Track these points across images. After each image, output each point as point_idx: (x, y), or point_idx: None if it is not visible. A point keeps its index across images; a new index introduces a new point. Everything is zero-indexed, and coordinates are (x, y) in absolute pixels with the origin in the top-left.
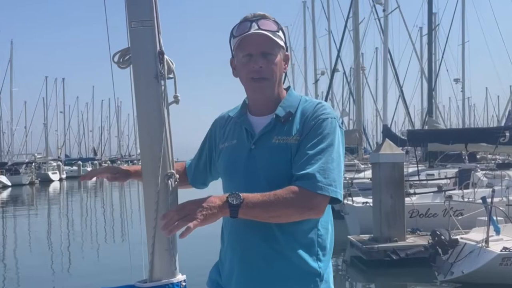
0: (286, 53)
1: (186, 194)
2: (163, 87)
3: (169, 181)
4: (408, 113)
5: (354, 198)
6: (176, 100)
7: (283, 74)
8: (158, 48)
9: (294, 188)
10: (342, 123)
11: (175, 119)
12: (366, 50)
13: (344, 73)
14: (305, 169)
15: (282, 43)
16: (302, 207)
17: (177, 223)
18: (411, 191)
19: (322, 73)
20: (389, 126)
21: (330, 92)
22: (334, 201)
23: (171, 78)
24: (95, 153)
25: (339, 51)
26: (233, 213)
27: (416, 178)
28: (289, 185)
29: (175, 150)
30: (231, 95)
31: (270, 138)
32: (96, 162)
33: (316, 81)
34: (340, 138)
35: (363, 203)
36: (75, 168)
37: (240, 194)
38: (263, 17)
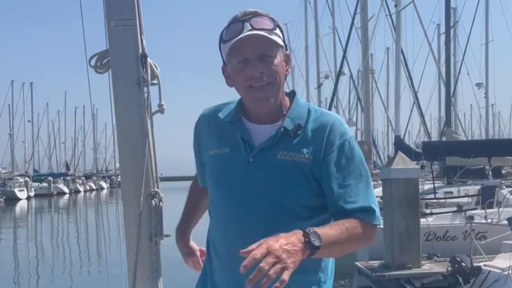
0: (287, 52)
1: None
2: (146, 95)
3: (153, 201)
4: (423, 122)
5: None
6: (161, 109)
7: (285, 77)
8: (140, 50)
9: (358, 221)
10: None
11: (158, 130)
12: (376, 50)
13: (351, 76)
14: (359, 201)
15: (281, 42)
16: (367, 241)
17: (270, 274)
18: (427, 211)
19: (326, 77)
20: (402, 137)
21: (335, 98)
22: None
23: (155, 84)
24: (68, 168)
25: (345, 51)
26: (311, 254)
27: (433, 196)
28: (297, 204)
29: (158, 163)
30: (223, 100)
31: (274, 152)
32: (68, 178)
33: (319, 85)
34: None
35: None
36: (44, 184)
37: (317, 231)
38: (256, 14)
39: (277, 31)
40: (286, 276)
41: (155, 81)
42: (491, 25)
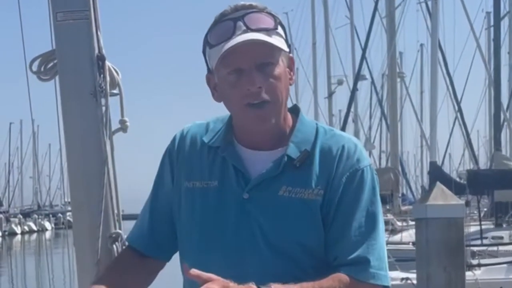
0: (290, 55)
1: None
2: (104, 108)
3: (114, 246)
4: (468, 143)
5: (389, 273)
6: (124, 127)
7: (289, 89)
8: (96, 51)
9: (343, 277)
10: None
11: (120, 154)
12: (406, 47)
13: (373, 82)
14: (353, 251)
15: (284, 44)
16: None
17: None
18: (474, 261)
19: (339, 83)
20: (440, 163)
21: (351, 110)
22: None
23: (115, 94)
24: (0, 203)
25: (364, 48)
26: None
27: (479, 242)
28: (303, 254)
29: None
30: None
31: (275, 187)
32: (1, 216)
33: (330, 94)
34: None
35: (402, 279)
36: None
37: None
38: (251, 8)
39: (279, 30)
40: None
41: (115, 91)
42: None
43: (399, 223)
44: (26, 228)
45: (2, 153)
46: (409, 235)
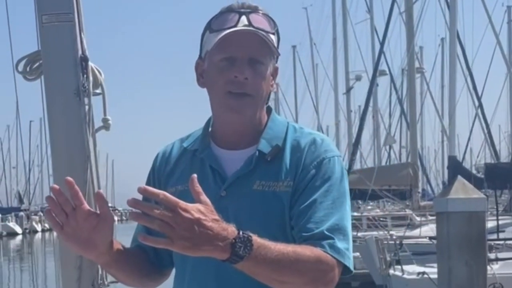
0: (276, 65)
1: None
2: (87, 107)
3: None
4: (489, 137)
5: (405, 267)
6: (106, 125)
7: (269, 95)
8: (80, 52)
9: (317, 251)
10: (389, 155)
11: (114, 154)
12: (426, 42)
13: (391, 77)
14: (325, 226)
15: (275, 51)
16: (319, 280)
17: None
18: (491, 255)
19: (358, 78)
20: (461, 158)
21: (369, 105)
22: (343, 272)
23: (98, 94)
24: (21, 201)
25: (382, 43)
26: (231, 262)
27: (496, 236)
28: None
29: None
30: (199, 118)
31: (250, 183)
32: (22, 213)
33: (348, 90)
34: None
35: (419, 273)
36: None
37: (252, 239)
38: (256, 10)
39: (274, 37)
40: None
41: (98, 90)
42: None
43: (418, 218)
44: (46, 225)
45: (24, 152)
46: (428, 229)
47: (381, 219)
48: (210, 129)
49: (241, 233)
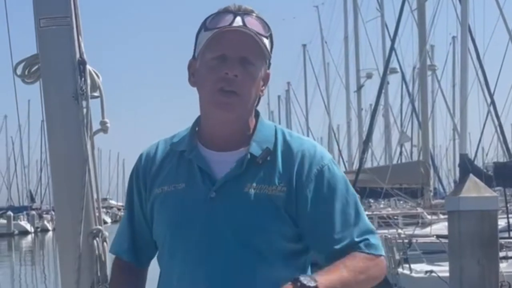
0: (268, 71)
1: None
2: (85, 110)
3: (95, 241)
4: (502, 135)
5: (413, 266)
6: (104, 128)
7: (258, 99)
8: (77, 56)
9: (360, 255)
10: (400, 153)
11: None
12: (437, 40)
13: (403, 75)
14: (354, 233)
15: (267, 55)
16: (378, 276)
17: None
18: (501, 254)
19: (369, 76)
20: (473, 156)
21: (380, 103)
22: None
23: (96, 97)
24: (32, 199)
25: (393, 40)
26: None
27: (507, 234)
28: (270, 248)
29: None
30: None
31: (240, 185)
32: (33, 212)
33: (359, 88)
34: None
35: (427, 272)
36: (3, 221)
37: (317, 279)
38: (251, 13)
39: (268, 41)
40: None
41: (96, 93)
42: None
43: (429, 217)
44: None
45: (34, 150)
46: (438, 228)
47: (394, 217)
48: (197, 129)
49: (296, 276)
